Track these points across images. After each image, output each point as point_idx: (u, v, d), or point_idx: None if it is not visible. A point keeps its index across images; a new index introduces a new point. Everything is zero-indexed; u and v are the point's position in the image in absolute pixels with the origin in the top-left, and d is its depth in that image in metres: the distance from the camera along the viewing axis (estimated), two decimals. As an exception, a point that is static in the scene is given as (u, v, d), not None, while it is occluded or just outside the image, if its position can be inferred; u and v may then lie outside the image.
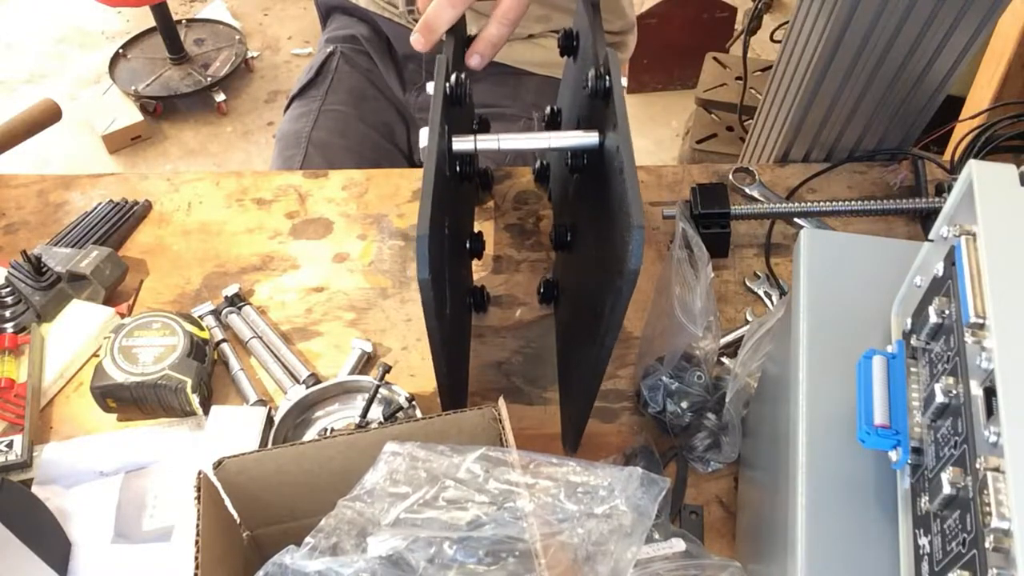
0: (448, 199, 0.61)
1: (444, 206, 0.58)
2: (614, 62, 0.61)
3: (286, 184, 0.95)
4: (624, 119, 0.57)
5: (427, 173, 0.53)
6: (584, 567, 0.46)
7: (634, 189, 0.51)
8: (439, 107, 0.59)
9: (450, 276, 0.63)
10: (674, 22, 2.37)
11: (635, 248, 0.49)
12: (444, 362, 0.58)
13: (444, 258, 0.58)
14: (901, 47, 0.82)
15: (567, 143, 0.65)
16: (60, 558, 0.64)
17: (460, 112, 0.67)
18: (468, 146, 0.63)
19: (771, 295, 0.83)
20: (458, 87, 0.63)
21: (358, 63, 1.17)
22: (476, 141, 0.63)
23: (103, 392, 0.72)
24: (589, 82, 0.62)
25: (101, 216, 0.89)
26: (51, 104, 1.05)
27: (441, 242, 0.56)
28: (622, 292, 0.51)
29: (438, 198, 0.53)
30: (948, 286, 0.42)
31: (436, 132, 0.56)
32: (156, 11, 2.47)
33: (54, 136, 1.77)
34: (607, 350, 0.57)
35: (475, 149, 0.63)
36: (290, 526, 0.56)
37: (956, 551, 0.37)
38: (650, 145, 2.43)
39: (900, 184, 0.92)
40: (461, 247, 0.74)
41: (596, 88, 0.62)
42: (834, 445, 0.48)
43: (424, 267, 0.49)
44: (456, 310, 0.67)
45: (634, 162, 0.53)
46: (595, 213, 0.63)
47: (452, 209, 0.65)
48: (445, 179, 0.60)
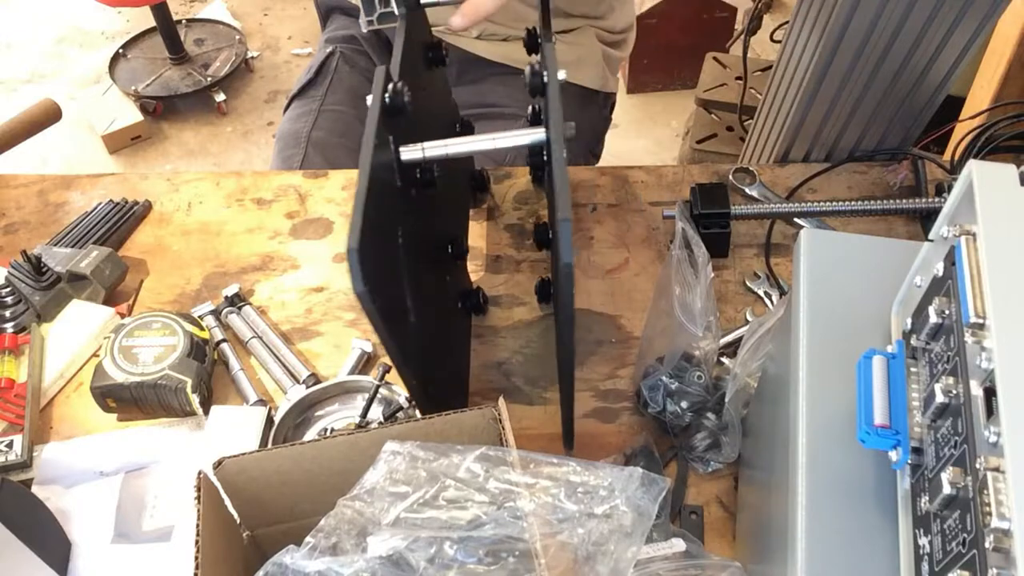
0: (400, 208, 0.61)
1: (392, 216, 0.57)
2: (550, 56, 0.61)
3: (286, 184, 0.95)
4: (557, 112, 0.56)
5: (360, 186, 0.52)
6: (584, 567, 0.46)
7: (562, 182, 0.50)
8: (375, 118, 0.58)
9: (419, 282, 0.62)
10: (674, 22, 2.37)
11: (563, 241, 0.48)
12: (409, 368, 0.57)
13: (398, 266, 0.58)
14: (901, 47, 0.82)
15: (512, 142, 0.64)
16: (60, 558, 0.64)
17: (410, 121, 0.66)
18: (416, 155, 0.62)
19: (771, 295, 0.83)
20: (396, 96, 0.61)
21: (358, 63, 1.17)
22: (424, 149, 0.62)
23: (103, 392, 0.72)
24: (527, 79, 0.62)
25: (101, 216, 0.89)
26: (51, 104, 1.05)
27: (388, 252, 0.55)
28: (562, 287, 0.51)
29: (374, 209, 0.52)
30: (948, 286, 0.42)
31: (371, 143, 0.56)
32: (156, 11, 2.47)
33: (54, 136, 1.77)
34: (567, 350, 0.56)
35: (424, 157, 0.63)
36: (290, 526, 0.56)
37: (956, 551, 0.37)
38: (650, 145, 2.43)
39: (900, 184, 0.92)
40: (441, 252, 0.73)
41: (532, 84, 0.62)
42: (834, 445, 0.48)
43: (358, 280, 0.49)
44: (433, 315, 0.67)
45: (563, 156, 0.53)
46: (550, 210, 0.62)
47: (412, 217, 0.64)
48: (392, 188, 0.59)
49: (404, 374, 0.58)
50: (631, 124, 2.48)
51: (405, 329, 0.57)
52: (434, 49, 0.77)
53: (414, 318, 0.59)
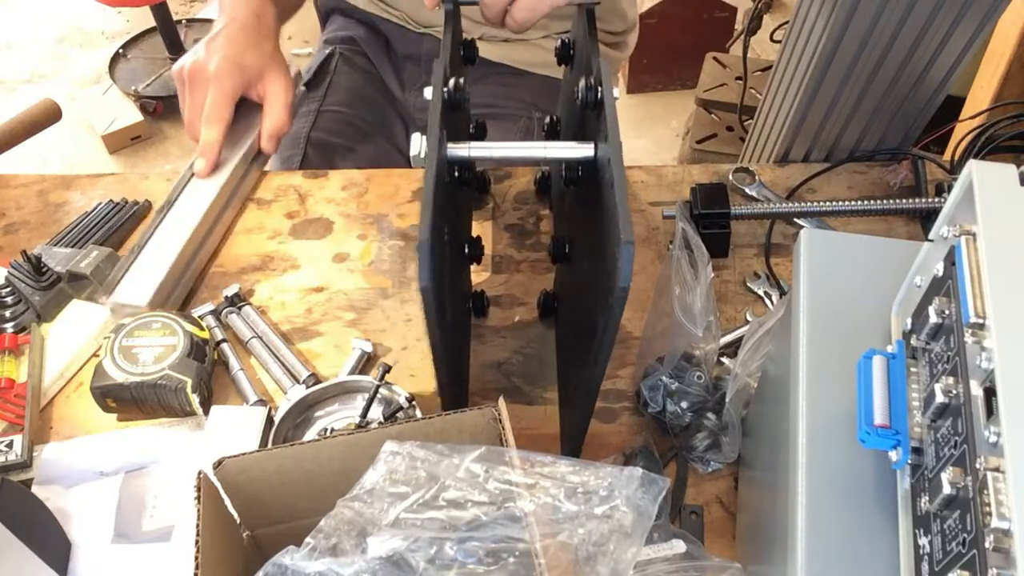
0: (447, 205, 0.61)
1: (444, 212, 0.57)
2: (606, 73, 0.60)
3: (286, 184, 0.95)
4: (615, 131, 0.56)
5: (428, 179, 0.53)
6: (584, 567, 0.46)
7: (623, 204, 0.50)
8: (437, 113, 0.59)
9: (450, 281, 0.63)
10: (674, 22, 2.37)
11: (624, 265, 0.48)
12: (446, 367, 0.58)
13: (445, 264, 0.58)
14: (901, 47, 0.82)
15: (562, 154, 0.64)
16: (60, 558, 0.64)
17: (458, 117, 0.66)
18: (463, 153, 0.63)
19: (771, 295, 0.83)
20: (456, 92, 0.62)
21: (357, 64, 1.17)
22: (470, 149, 0.62)
23: (103, 392, 0.72)
24: (580, 93, 0.61)
25: (101, 216, 0.89)
26: (51, 104, 1.05)
27: (441, 248, 0.56)
28: (612, 310, 0.50)
29: (439, 204, 0.53)
30: (948, 286, 0.42)
31: (435, 137, 0.56)
32: (156, 11, 2.47)
33: (54, 136, 1.77)
34: (600, 371, 0.56)
35: (469, 156, 0.63)
36: (290, 526, 0.56)
37: (956, 551, 0.37)
38: (650, 145, 2.43)
39: (900, 184, 0.92)
40: (460, 252, 0.74)
41: (586, 99, 0.61)
42: (834, 445, 0.48)
43: (425, 274, 0.49)
44: (456, 315, 0.67)
45: (624, 176, 0.52)
46: (589, 227, 0.62)
47: (451, 215, 0.64)
48: (444, 185, 0.60)
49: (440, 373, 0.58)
50: (631, 124, 2.48)
51: (447, 329, 0.57)
52: (467, 47, 0.77)
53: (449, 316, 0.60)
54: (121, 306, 0.77)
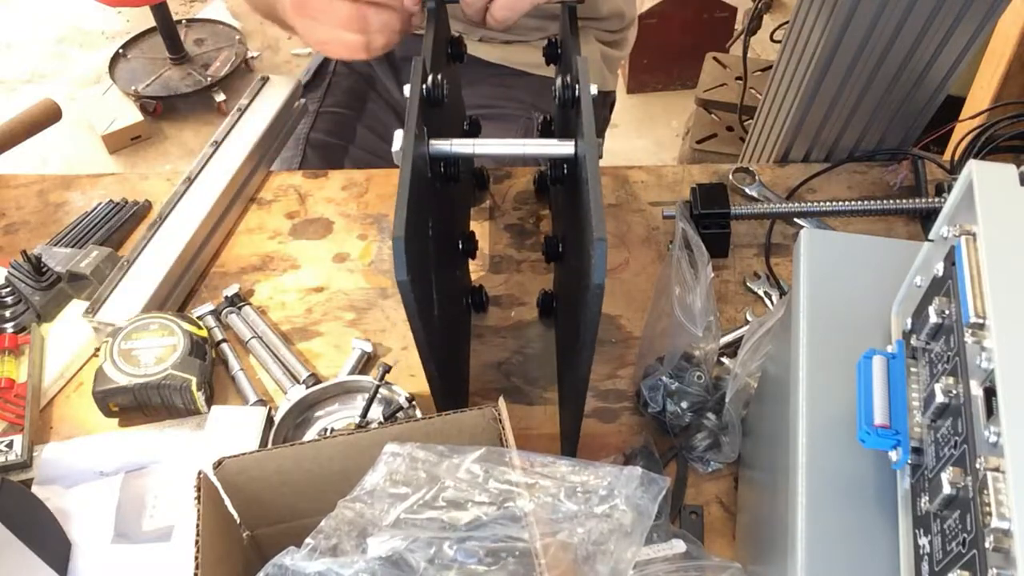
0: (430, 200, 0.61)
1: (424, 207, 0.57)
2: (583, 71, 0.60)
3: (286, 184, 0.95)
4: (591, 128, 0.56)
5: (403, 175, 0.52)
6: (584, 567, 0.46)
7: (597, 200, 0.50)
8: (415, 108, 0.59)
9: (439, 276, 0.63)
10: (674, 22, 2.37)
11: (598, 262, 0.48)
12: (432, 362, 0.58)
13: (429, 259, 0.58)
14: (901, 47, 0.82)
15: (542, 151, 0.64)
16: (60, 558, 0.64)
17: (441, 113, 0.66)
18: (445, 148, 0.62)
19: (771, 295, 0.83)
20: (435, 88, 0.62)
21: (356, 65, 1.17)
22: (452, 145, 0.62)
23: (105, 395, 0.71)
24: (557, 91, 0.61)
25: (101, 216, 0.89)
26: (51, 104, 1.05)
27: (422, 243, 0.55)
28: (589, 308, 0.50)
29: (416, 200, 0.52)
30: (948, 286, 0.42)
31: (412, 133, 0.56)
32: (156, 11, 2.47)
33: (54, 136, 1.77)
34: (583, 369, 0.56)
35: (451, 151, 0.63)
36: (290, 526, 0.56)
37: (956, 551, 0.37)
38: (650, 145, 2.43)
39: (900, 184, 0.92)
40: (453, 247, 0.73)
41: (563, 97, 0.61)
42: (834, 445, 0.48)
43: (401, 269, 0.49)
44: (448, 310, 0.67)
45: (598, 172, 0.52)
46: (574, 225, 0.62)
47: (437, 210, 0.64)
48: (426, 180, 0.59)
49: (428, 369, 0.58)
50: (631, 124, 2.49)
51: (432, 323, 0.57)
52: (454, 44, 0.77)
53: (437, 312, 0.59)
54: (105, 325, 0.76)
